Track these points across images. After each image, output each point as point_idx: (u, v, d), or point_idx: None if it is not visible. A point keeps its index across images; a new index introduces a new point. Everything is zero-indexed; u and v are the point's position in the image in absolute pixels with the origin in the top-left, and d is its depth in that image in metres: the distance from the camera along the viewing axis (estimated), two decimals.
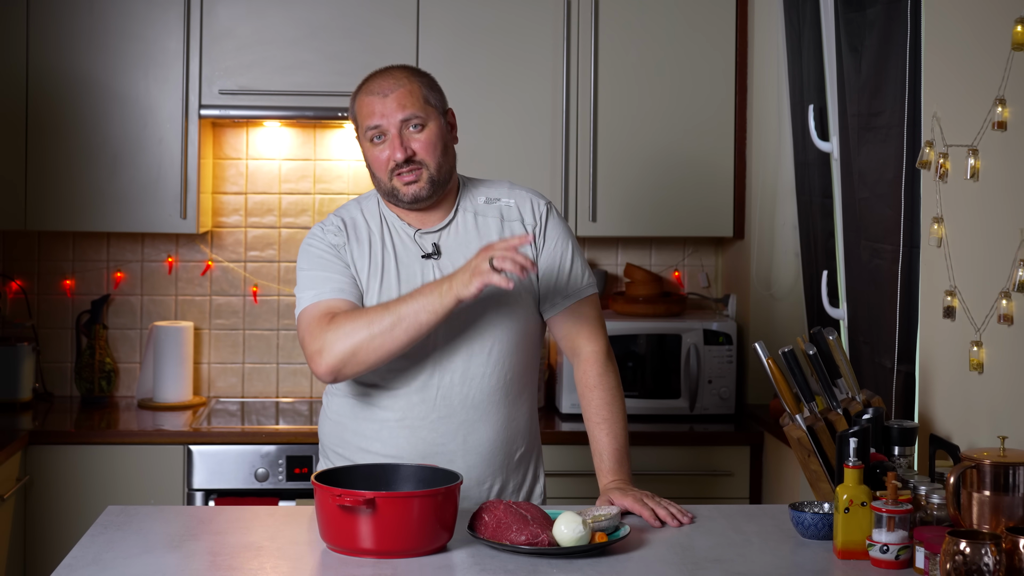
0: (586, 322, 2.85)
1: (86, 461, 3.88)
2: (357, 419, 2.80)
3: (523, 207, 2.83)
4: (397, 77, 2.77)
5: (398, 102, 2.73)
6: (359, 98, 2.79)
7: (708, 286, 4.59)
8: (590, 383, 2.83)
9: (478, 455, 2.75)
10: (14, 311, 4.42)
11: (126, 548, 2.40)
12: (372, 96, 2.75)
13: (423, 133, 2.73)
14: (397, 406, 2.75)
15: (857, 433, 2.40)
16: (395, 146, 2.72)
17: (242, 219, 4.49)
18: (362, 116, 2.76)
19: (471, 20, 4.19)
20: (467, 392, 2.74)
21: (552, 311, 2.84)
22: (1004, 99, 2.50)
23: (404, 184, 2.73)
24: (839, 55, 3.53)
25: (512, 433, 2.79)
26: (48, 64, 4.09)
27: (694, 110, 4.25)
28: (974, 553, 2.05)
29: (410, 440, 2.74)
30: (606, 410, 2.81)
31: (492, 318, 2.75)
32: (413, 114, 2.73)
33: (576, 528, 2.34)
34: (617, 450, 2.78)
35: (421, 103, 2.74)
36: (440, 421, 2.74)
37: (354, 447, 2.80)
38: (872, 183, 3.29)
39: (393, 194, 2.76)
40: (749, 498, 4.03)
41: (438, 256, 2.77)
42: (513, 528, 2.37)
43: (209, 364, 4.49)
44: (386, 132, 2.73)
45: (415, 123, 2.73)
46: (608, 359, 2.86)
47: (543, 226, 2.83)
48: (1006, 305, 2.48)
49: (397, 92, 2.74)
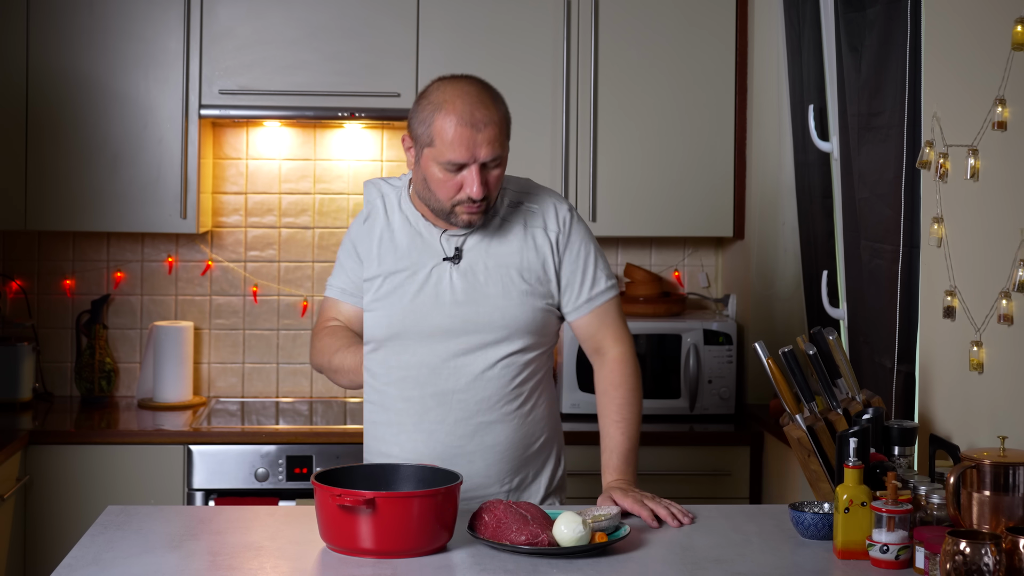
0: (611, 324, 2.85)
1: (86, 461, 3.88)
2: (377, 424, 2.81)
3: (547, 213, 2.82)
4: (487, 107, 2.67)
5: (488, 140, 2.65)
6: (441, 120, 2.64)
7: (708, 286, 4.59)
8: (615, 381, 2.83)
9: (496, 454, 2.76)
10: (14, 311, 4.42)
11: (126, 548, 2.40)
12: (463, 127, 2.63)
13: (498, 170, 2.71)
14: (413, 410, 2.75)
15: (857, 433, 2.40)
16: (475, 182, 2.64)
17: (242, 219, 4.49)
18: (443, 143, 2.63)
19: (471, 20, 4.19)
20: (484, 395, 2.74)
21: (577, 314, 2.83)
22: (1004, 99, 2.50)
23: (467, 213, 2.70)
24: (839, 55, 3.53)
25: (529, 430, 2.80)
26: (48, 64, 4.09)
27: (694, 110, 4.25)
28: (974, 553, 2.05)
29: (428, 443, 2.75)
30: (627, 409, 2.81)
31: (507, 320, 2.74)
32: (499, 154, 2.68)
33: (576, 528, 2.34)
34: (629, 450, 2.79)
35: (504, 141, 2.70)
36: (457, 424, 2.74)
37: (375, 451, 2.82)
38: (872, 183, 3.29)
39: (447, 217, 2.72)
40: (749, 498, 4.02)
41: (459, 260, 2.76)
42: (513, 528, 2.37)
43: (209, 364, 4.49)
44: (465, 166, 2.66)
45: (495, 163, 2.69)
46: (634, 360, 2.86)
47: (567, 231, 2.82)
48: (1006, 305, 2.48)
49: (489, 130, 2.65)
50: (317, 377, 4.48)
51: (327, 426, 4.04)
